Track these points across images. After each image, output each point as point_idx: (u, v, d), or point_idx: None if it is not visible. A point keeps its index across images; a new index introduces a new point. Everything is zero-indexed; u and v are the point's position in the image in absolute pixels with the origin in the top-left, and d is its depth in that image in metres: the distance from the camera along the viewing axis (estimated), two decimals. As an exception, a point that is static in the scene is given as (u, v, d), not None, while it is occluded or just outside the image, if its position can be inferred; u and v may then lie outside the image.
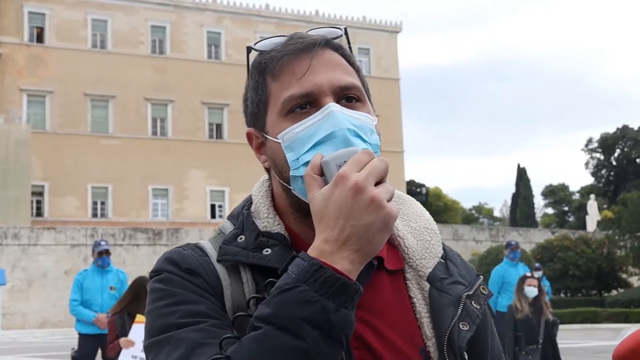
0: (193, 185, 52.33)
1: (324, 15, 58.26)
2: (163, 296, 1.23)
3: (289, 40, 1.29)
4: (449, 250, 1.42)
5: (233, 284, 1.26)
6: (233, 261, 1.27)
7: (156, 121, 52.86)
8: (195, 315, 1.19)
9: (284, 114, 1.27)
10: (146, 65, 52.45)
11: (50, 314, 35.78)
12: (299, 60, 1.27)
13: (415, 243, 1.36)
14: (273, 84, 1.29)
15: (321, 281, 1.08)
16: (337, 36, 1.32)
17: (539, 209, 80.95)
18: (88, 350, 9.28)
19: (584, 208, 60.65)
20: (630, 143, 72.38)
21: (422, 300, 1.32)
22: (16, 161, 44.09)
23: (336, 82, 1.26)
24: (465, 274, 1.38)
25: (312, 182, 1.17)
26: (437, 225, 1.43)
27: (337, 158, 1.17)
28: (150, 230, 39.61)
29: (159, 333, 1.20)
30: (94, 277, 9.37)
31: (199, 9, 54.81)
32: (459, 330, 1.28)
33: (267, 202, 1.36)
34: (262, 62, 1.31)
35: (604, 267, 35.63)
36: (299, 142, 1.24)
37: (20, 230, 36.77)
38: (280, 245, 1.27)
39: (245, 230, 1.31)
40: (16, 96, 49.09)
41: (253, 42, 1.34)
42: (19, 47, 49.59)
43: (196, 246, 1.31)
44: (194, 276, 1.24)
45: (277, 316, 1.08)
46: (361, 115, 1.26)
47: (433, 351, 1.28)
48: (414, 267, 1.35)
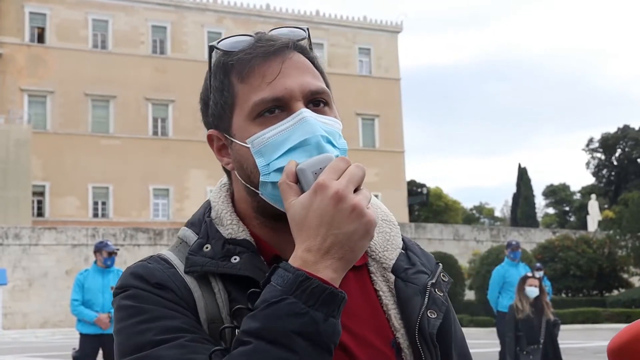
0: (194, 185, 52.35)
1: (325, 15, 58.27)
2: (134, 313, 1.18)
3: (258, 42, 1.26)
4: (407, 240, 1.42)
5: (205, 295, 1.22)
6: (202, 272, 1.24)
7: (157, 121, 52.88)
8: (171, 331, 1.15)
9: (252, 118, 1.24)
10: (147, 65, 52.47)
11: (51, 313, 35.80)
12: (269, 64, 1.24)
13: (376, 236, 1.34)
14: (240, 86, 1.26)
15: (308, 292, 1.07)
16: (302, 38, 1.30)
17: (539, 209, 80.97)
18: (89, 350, 9.27)
19: (585, 208, 60.64)
20: (631, 143, 72.36)
21: (389, 292, 1.32)
22: (17, 161, 44.11)
23: (307, 87, 1.24)
24: (426, 262, 1.38)
25: (288, 189, 1.15)
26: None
27: (312, 165, 1.15)
28: (151, 230, 39.63)
29: (132, 352, 1.15)
30: (95, 277, 9.36)
31: (200, 9, 54.83)
32: (428, 319, 1.29)
33: (228, 207, 1.33)
34: (228, 63, 1.28)
35: (605, 267, 35.63)
36: (270, 147, 1.22)
37: (21, 230, 36.79)
38: (247, 251, 1.25)
39: (211, 239, 1.28)
40: (17, 96, 49.12)
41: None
42: (20, 47, 49.61)
43: (160, 258, 1.27)
44: (164, 290, 1.20)
45: (267, 330, 1.06)
46: (330, 120, 1.25)
47: (403, 342, 1.28)
48: (377, 259, 1.34)
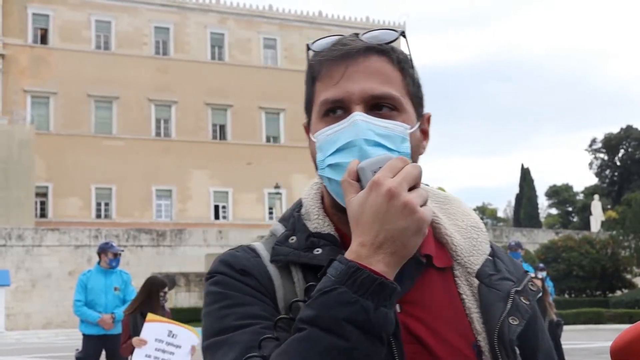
0: (196, 186, 52.36)
1: (327, 16, 58.29)
2: (218, 299, 1.28)
3: (334, 45, 1.33)
4: (496, 248, 1.46)
5: (285, 284, 1.30)
6: (285, 261, 1.31)
7: (159, 122, 52.91)
8: (249, 317, 1.24)
9: (320, 115, 1.32)
10: (149, 66, 52.50)
11: (54, 314, 35.84)
12: (336, 67, 1.31)
13: (462, 241, 1.39)
14: (317, 84, 1.34)
15: (359, 282, 1.12)
16: (387, 41, 1.34)
17: (542, 210, 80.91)
18: (92, 351, 9.27)
19: (588, 208, 60.62)
20: (635, 143, 72.31)
21: (472, 296, 1.35)
22: (20, 162, 44.16)
23: (368, 91, 1.29)
24: (513, 270, 1.42)
25: (348, 187, 1.20)
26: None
27: (373, 164, 1.20)
28: (154, 231, 39.66)
29: (215, 335, 1.25)
30: (98, 277, 9.36)
31: (203, 10, 54.85)
32: (509, 325, 1.31)
33: (317, 204, 1.40)
34: (310, 63, 1.36)
35: (608, 267, 35.60)
36: (326, 144, 1.29)
37: (24, 231, 36.83)
38: (330, 245, 1.31)
39: (297, 232, 1.35)
40: (20, 97, 49.17)
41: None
42: (23, 48, 49.67)
43: (249, 248, 1.36)
44: (247, 277, 1.29)
45: (320, 318, 1.11)
46: (391, 124, 1.28)
47: (484, 345, 1.31)
48: (462, 264, 1.38)
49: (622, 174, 73.08)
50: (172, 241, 39.33)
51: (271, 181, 50.22)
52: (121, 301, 9.22)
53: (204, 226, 46.69)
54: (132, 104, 51.69)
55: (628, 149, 73.06)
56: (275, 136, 55.59)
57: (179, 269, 37.40)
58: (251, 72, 54.43)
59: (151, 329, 7.26)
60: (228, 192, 53.28)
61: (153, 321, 7.30)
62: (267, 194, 53.19)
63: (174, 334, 7.26)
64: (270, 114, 55.29)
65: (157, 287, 7.94)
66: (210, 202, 52.87)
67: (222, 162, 52.85)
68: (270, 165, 53.38)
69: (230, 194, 53.29)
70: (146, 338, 7.23)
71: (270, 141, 55.46)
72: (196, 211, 51.87)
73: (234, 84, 53.88)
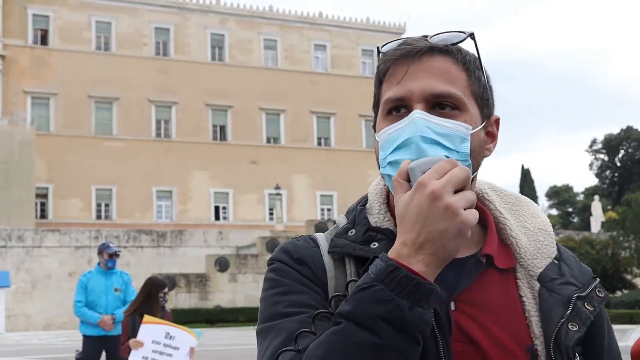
0: (197, 187, 52.35)
1: (328, 17, 58.26)
2: (273, 285, 1.32)
3: (399, 46, 1.35)
4: (564, 251, 1.45)
5: (338, 276, 1.33)
6: (342, 253, 1.34)
7: (160, 123, 52.90)
8: (299, 306, 1.28)
9: (384, 115, 1.34)
10: (150, 67, 52.50)
11: (55, 315, 35.83)
12: (400, 66, 1.33)
13: (528, 243, 1.40)
14: (383, 85, 1.37)
15: (397, 281, 1.13)
16: (454, 42, 1.35)
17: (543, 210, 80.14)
18: (92, 352, 9.27)
19: (588, 209, 60.59)
20: (635, 144, 72.30)
21: (532, 299, 1.35)
22: (20, 163, 44.17)
23: (429, 90, 1.30)
24: (579, 275, 1.40)
25: (398, 186, 1.22)
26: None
27: (423, 165, 1.21)
28: (154, 232, 39.65)
29: (266, 320, 1.30)
30: (98, 278, 9.36)
31: (203, 11, 54.84)
32: (567, 331, 1.31)
33: (380, 199, 1.42)
34: (379, 65, 1.38)
35: (608, 268, 35.57)
36: (388, 142, 1.30)
37: (24, 232, 36.83)
38: (387, 240, 1.32)
39: (357, 225, 1.38)
40: (20, 98, 49.17)
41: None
42: (23, 49, 49.68)
43: (310, 238, 1.40)
44: (302, 266, 1.33)
45: (355, 313, 1.14)
46: (450, 123, 1.29)
47: (540, 350, 1.31)
48: (525, 266, 1.38)
49: (622, 175, 73.07)
50: (173, 242, 39.32)
51: (272, 182, 50.21)
52: (121, 302, 9.22)
53: (204, 227, 46.69)
54: (133, 104, 51.68)
55: (628, 150, 73.05)
56: (276, 137, 55.56)
57: (179, 270, 37.41)
58: (252, 73, 54.42)
59: (148, 330, 7.25)
60: (228, 193, 53.26)
61: (150, 323, 7.29)
62: (268, 195, 53.18)
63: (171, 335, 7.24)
64: (270, 114, 55.26)
65: (156, 288, 7.94)
66: (211, 203, 52.86)
67: (223, 163, 52.84)
68: (271, 166, 53.36)
69: (230, 195, 53.28)
70: (143, 340, 7.22)
71: (271, 142, 55.44)
72: (196, 212, 51.86)
73: (235, 84, 53.86)
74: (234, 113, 54.20)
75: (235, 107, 54.09)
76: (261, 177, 52.97)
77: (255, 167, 53.52)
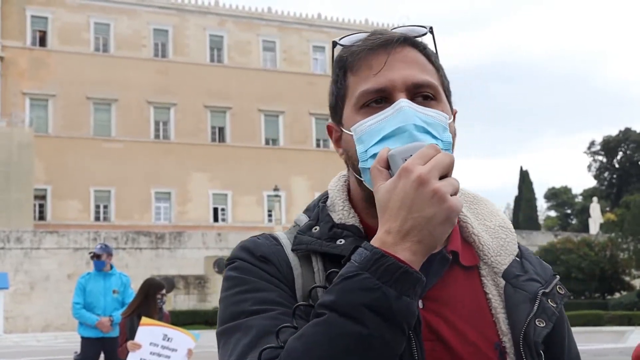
0: (195, 189, 52.33)
1: (326, 19, 58.29)
2: (236, 284, 1.27)
3: (370, 36, 1.32)
4: (524, 249, 1.44)
5: (304, 273, 1.28)
6: (307, 250, 1.30)
7: (159, 124, 52.89)
8: (266, 303, 1.22)
9: (358, 108, 1.30)
10: (149, 69, 52.49)
11: (53, 317, 35.79)
12: (376, 56, 1.30)
13: (490, 240, 1.38)
14: (351, 78, 1.32)
15: (383, 269, 1.09)
16: (419, 35, 1.34)
17: (541, 212, 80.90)
18: (91, 353, 9.27)
19: (587, 211, 60.58)
20: (633, 146, 72.33)
21: (498, 296, 1.33)
22: (19, 164, 44.14)
23: (410, 79, 1.28)
24: (541, 272, 1.39)
25: (378, 174, 1.19)
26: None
27: (403, 152, 1.19)
28: (153, 234, 39.62)
29: (230, 320, 1.24)
30: (96, 280, 9.35)
31: (202, 12, 54.85)
32: (535, 327, 1.29)
33: (342, 195, 1.38)
34: (342, 57, 1.34)
35: (606, 269, 35.61)
36: (368, 135, 1.26)
37: (23, 233, 36.80)
38: (354, 236, 1.29)
39: (320, 222, 1.34)
40: (19, 99, 49.15)
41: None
42: (22, 50, 49.66)
43: (271, 236, 1.35)
44: (267, 264, 1.28)
45: (340, 303, 1.09)
46: (434, 112, 1.27)
47: (509, 347, 1.29)
48: (489, 263, 1.36)
49: (621, 177, 73.10)
50: (171, 244, 39.30)
51: (270, 184, 50.19)
52: (120, 304, 9.21)
53: (203, 229, 46.65)
54: (131, 106, 51.67)
55: (627, 152, 73.09)
56: (275, 138, 55.56)
57: (178, 271, 37.39)
58: (250, 75, 54.42)
59: (145, 332, 7.24)
60: (227, 194, 53.25)
61: (147, 325, 7.28)
62: (267, 197, 53.15)
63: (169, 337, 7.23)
64: (269, 116, 55.26)
65: (154, 290, 7.93)
66: (210, 205, 52.84)
67: (222, 164, 52.83)
68: (270, 168, 53.36)
69: (229, 197, 53.27)
70: (140, 342, 7.21)
71: (270, 143, 55.44)
72: (195, 214, 51.84)
73: (233, 86, 53.86)
74: (233, 114, 54.20)
75: (234, 109, 54.09)
76: (260, 178, 52.96)
77: (254, 169, 53.51)
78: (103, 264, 9.30)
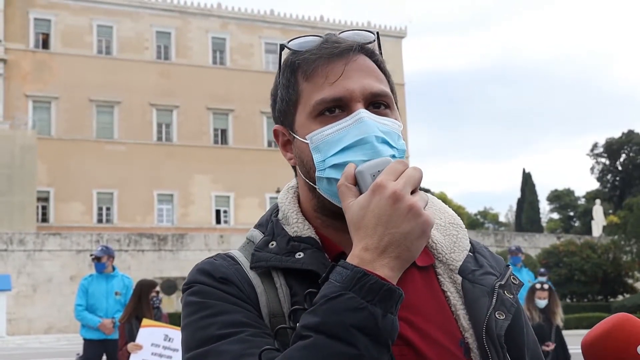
0: (198, 191, 52.38)
1: (329, 21, 58.32)
2: (198, 309, 1.23)
3: (324, 43, 1.30)
4: (476, 243, 1.44)
5: (267, 290, 1.26)
6: (267, 267, 1.27)
7: (161, 126, 52.95)
8: (233, 326, 1.19)
9: (313, 116, 1.28)
10: (151, 71, 52.56)
11: (56, 319, 35.81)
12: (332, 65, 1.28)
13: (442, 238, 1.38)
14: (305, 84, 1.31)
15: (367, 288, 1.08)
16: (370, 41, 1.33)
17: (544, 214, 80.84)
18: (93, 355, 9.27)
19: (590, 213, 60.55)
20: (636, 148, 72.25)
21: (456, 293, 1.33)
22: (22, 167, 44.18)
23: (368, 89, 1.27)
24: (495, 264, 1.40)
25: (347, 191, 1.17)
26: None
27: (371, 168, 1.18)
28: (156, 236, 39.63)
29: (197, 347, 1.19)
30: (99, 282, 9.36)
31: (204, 15, 54.92)
32: (495, 320, 1.30)
33: (294, 207, 1.36)
34: (295, 62, 1.32)
35: (609, 272, 35.55)
36: (326, 144, 1.25)
37: (25, 236, 36.83)
38: (312, 248, 1.28)
39: (276, 236, 1.32)
40: (22, 102, 49.22)
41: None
42: (25, 53, 49.74)
43: (227, 255, 1.32)
44: (228, 285, 1.24)
45: (327, 324, 1.07)
46: (389, 121, 1.27)
47: (472, 342, 1.29)
48: (444, 261, 1.36)
49: (624, 179, 73.02)
50: (174, 246, 39.31)
51: (272, 186, 50.21)
52: (122, 306, 9.22)
53: (205, 231, 46.66)
54: (134, 108, 51.73)
55: (630, 154, 73.00)
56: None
57: (181, 273, 37.38)
58: (253, 77, 54.47)
59: (147, 334, 7.24)
60: (229, 196, 53.28)
61: (149, 326, 7.29)
62: (269, 199, 53.19)
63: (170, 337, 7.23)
64: (271, 118, 54.82)
65: (147, 289, 7.95)
66: (212, 207, 52.87)
67: (224, 166, 52.86)
68: (272, 170, 53.37)
69: (231, 199, 53.29)
70: (141, 343, 7.22)
71: (272, 146, 55.45)
72: (198, 216, 51.86)
73: (236, 88, 53.91)
74: (235, 117, 54.23)
75: (236, 111, 54.12)
76: (262, 181, 52.97)
77: (256, 171, 53.53)
78: (104, 266, 9.31)
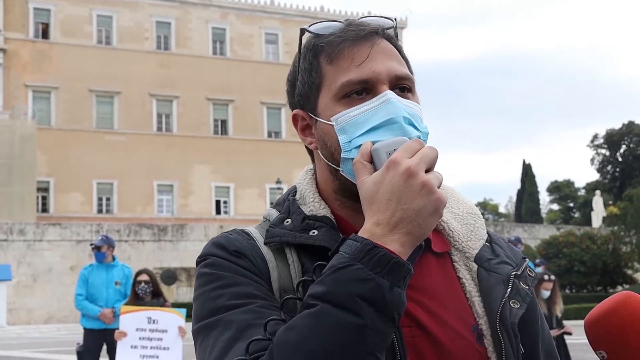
0: (198, 181, 52.38)
1: (329, 11, 58.19)
2: (210, 280, 1.25)
3: (349, 27, 1.32)
4: (493, 234, 1.46)
5: (279, 266, 1.28)
6: (280, 243, 1.30)
7: (161, 117, 52.91)
8: (243, 297, 1.21)
9: (338, 98, 1.30)
10: (151, 61, 52.48)
11: (56, 309, 35.88)
12: (358, 47, 1.30)
13: (459, 227, 1.39)
14: (328, 67, 1.32)
15: (375, 260, 1.10)
16: (391, 26, 1.35)
17: (544, 205, 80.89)
18: (93, 345, 9.29)
19: (590, 204, 60.59)
20: (636, 139, 72.22)
21: (471, 280, 1.34)
22: (21, 157, 44.17)
23: (393, 72, 1.29)
24: (512, 255, 1.41)
25: (361, 168, 1.20)
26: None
27: (387, 146, 1.20)
28: (155, 226, 39.66)
29: (207, 317, 1.22)
30: (99, 272, 9.38)
31: (204, 5, 54.79)
32: (510, 308, 1.31)
33: (312, 188, 1.39)
34: (318, 45, 1.34)
35: (609, 263, 35.60)
36: (353, 125, 1.27)
37: (25, 226, 36.86)
38: (326, 227, 1.30)
39: (292, 214, 1.35)
40: (21, 92, 49.17)
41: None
42: (24, 43, 49.65)
43: (242, 231, 1.35)
44: (241, 258, 1.27)
45: (333, 294, 1.09)
46: (413, 104, 1.30)
47: (485, 329, 1.30)
48: (460, 249, 1.37)
49: (624, 170, 73.02)
50: (174, 236, 39.34)
51: (272, 176, 50.20)
52: (122, 295, 9.24)
53: (205, 221, 46.69)
54: (134, 99, 51.68)
55: (630, 145, 72.98)
56: (277, 131, 55.58)
57: (180, 264, 37.43)
58: (253, 67, 54.39)
59: (128, 319, 7.18)
60: (229, 187, 53.28)
61: (128, 312, 7.24)
62: (269, 189, 53.20)
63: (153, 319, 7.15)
64: (271, 109, 55.25)
65: (134, 277, 7.99)
66: (212, 197, 52.89)
67: (224, 157, 52.85)
68: (272, 161, 53.38)
69: (231, 189, 53.30)
70: (125, 330, 7.18)
71: (272, 136, 55.45)
72: (198, 206, 51.88)
73: (236, 79, 53.83)
74: (235, 107, 54.18)
75: (236, 102, 54.07)
76: (262, 171, 52.97)
77: (256, 162, 53.52)
78: (104, 255, 9.33)
